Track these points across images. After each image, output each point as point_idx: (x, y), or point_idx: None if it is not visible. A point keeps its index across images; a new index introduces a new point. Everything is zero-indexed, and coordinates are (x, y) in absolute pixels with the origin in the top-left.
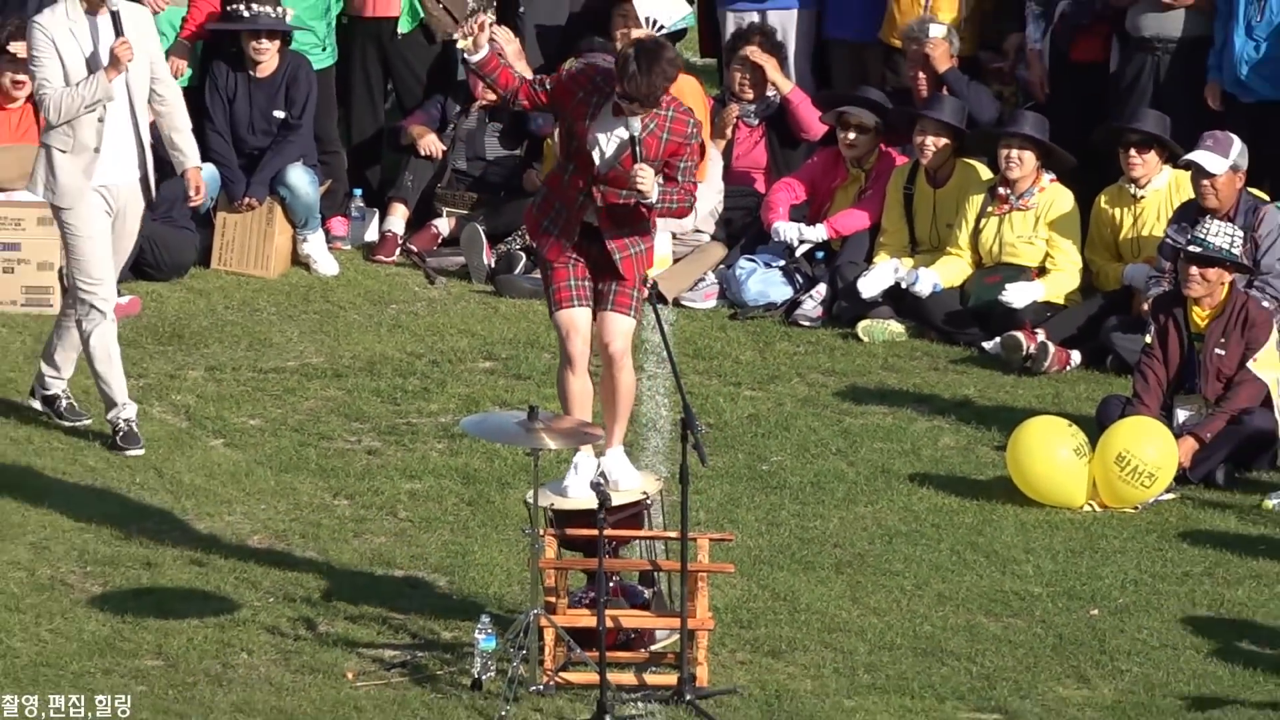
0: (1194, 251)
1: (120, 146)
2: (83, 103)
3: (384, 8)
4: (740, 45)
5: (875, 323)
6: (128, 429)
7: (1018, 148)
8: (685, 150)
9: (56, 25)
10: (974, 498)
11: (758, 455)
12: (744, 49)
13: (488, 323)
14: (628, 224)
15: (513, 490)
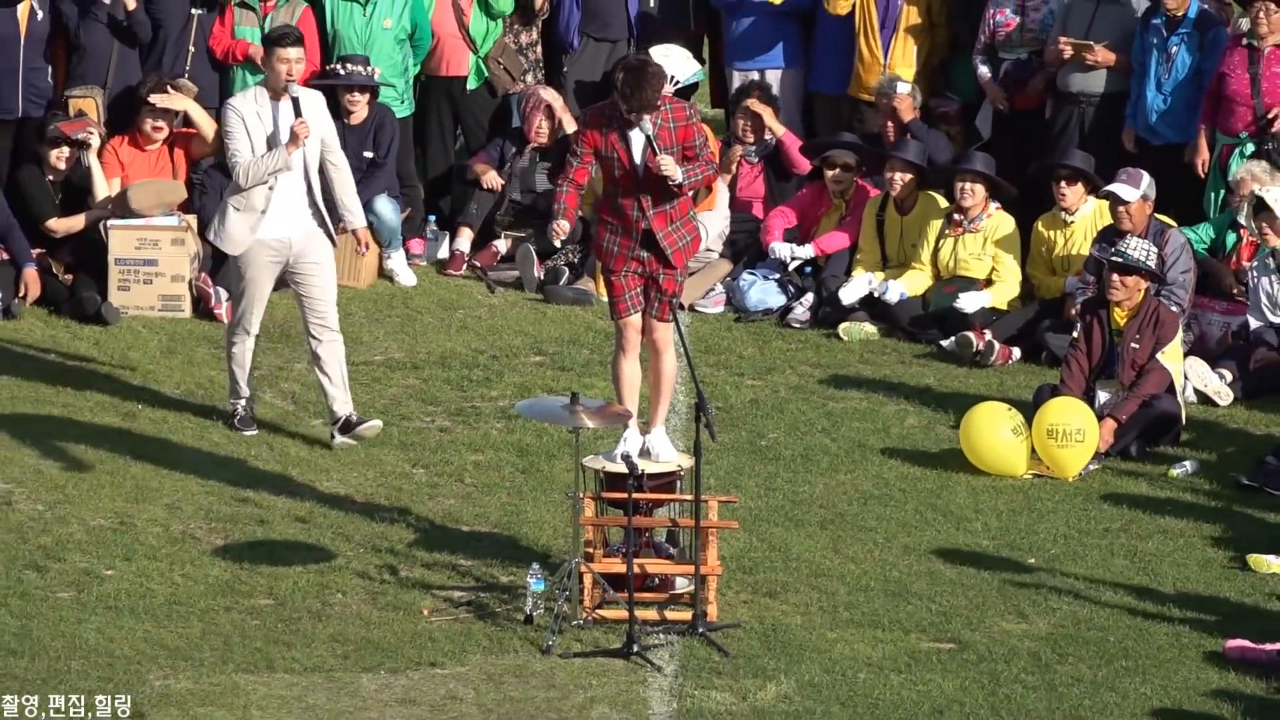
0: (1118, 262)
1: (290, 207)
2: (265, 171)
3: (455, 68)
4: (742, 98)
5: (853, 325)
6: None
7: (970, 181)
8: (694, 131)
9: (246, 107)
10: (933, 467)
11: (757, 433)
12: (746, 100)
13: (538, 324)
14: (674, 221)
15: (558, 461)
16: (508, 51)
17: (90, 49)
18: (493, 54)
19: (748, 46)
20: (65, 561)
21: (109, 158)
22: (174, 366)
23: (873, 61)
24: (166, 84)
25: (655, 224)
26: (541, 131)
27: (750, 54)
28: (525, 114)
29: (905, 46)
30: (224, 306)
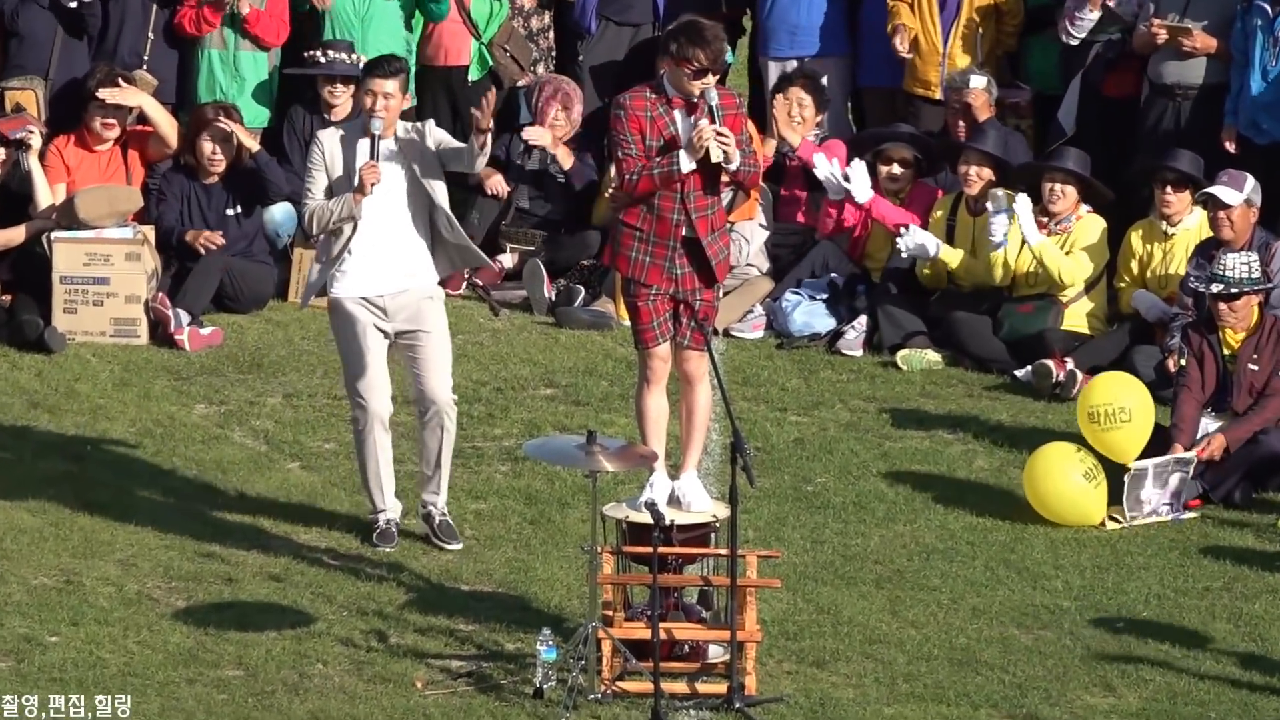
0: (1219, 291)
1: (378, 262)
2: (332, 218)
3: (454, 56)
4: (785, 86)
5: (913, 352)
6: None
7: (1061, 182)
8: (741, 122)
9: (330, 141)
10: (1006, 517)
11: (803, 477)
12: (788, 89)
13: (548, 352)
14: (715, 229)
15: (572, 510)
16: (515, 37)
17: (29, 35)
18: (498, 40)
19: (785, 32)
20: (3, 627)
21: (52, 160)
22: (128, 401)
23: (930, 51)
24: (118, 75)
25: (699, 229)
26: (558, 124)
27: (788, 41)
28: (538, 107)
29: (968, 32)
30: (186, 331)
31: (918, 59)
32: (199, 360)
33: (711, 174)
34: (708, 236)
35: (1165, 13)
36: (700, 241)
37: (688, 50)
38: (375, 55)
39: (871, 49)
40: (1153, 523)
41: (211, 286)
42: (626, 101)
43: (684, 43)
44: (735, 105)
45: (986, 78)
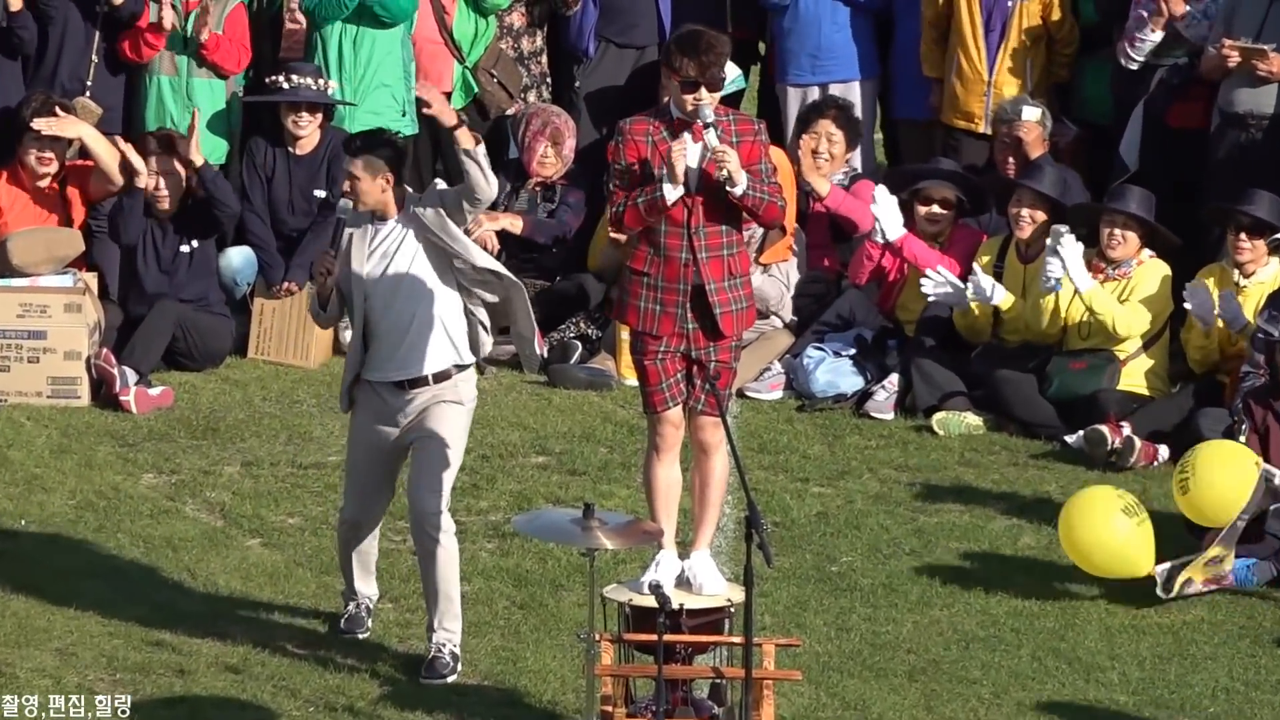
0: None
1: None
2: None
3: (435, 82)
4: (813, 119)
5: (951, 415)
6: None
7: (1121, 226)
8: (759, 150)
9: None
10: (1055, 600)
11: (826, 555)
12: (818, 122)
13: (540, 415)
14: (734, 275)
15: (567, 593)
16: (504, 61)
17: None
18: (484, 64)
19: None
20: None
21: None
22: (67, 470)
23: (975, 79)
24: (55, 104)
25: (708, 272)
26: (546, 162)
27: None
28: (524, 142)
29: (1017, 59)
30: (132, 392)
31: (960, 87)
32: (147, 424)
33: (721, 205)
34: (722, 281)
35: (1237, 34)
36: (704, 288)
37: (676, 60)
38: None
39: (906, 74)
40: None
41: (162, 341)
42: (627, 126)
43: (674, 51)
44: (752, 131)
45: (1040, 109)
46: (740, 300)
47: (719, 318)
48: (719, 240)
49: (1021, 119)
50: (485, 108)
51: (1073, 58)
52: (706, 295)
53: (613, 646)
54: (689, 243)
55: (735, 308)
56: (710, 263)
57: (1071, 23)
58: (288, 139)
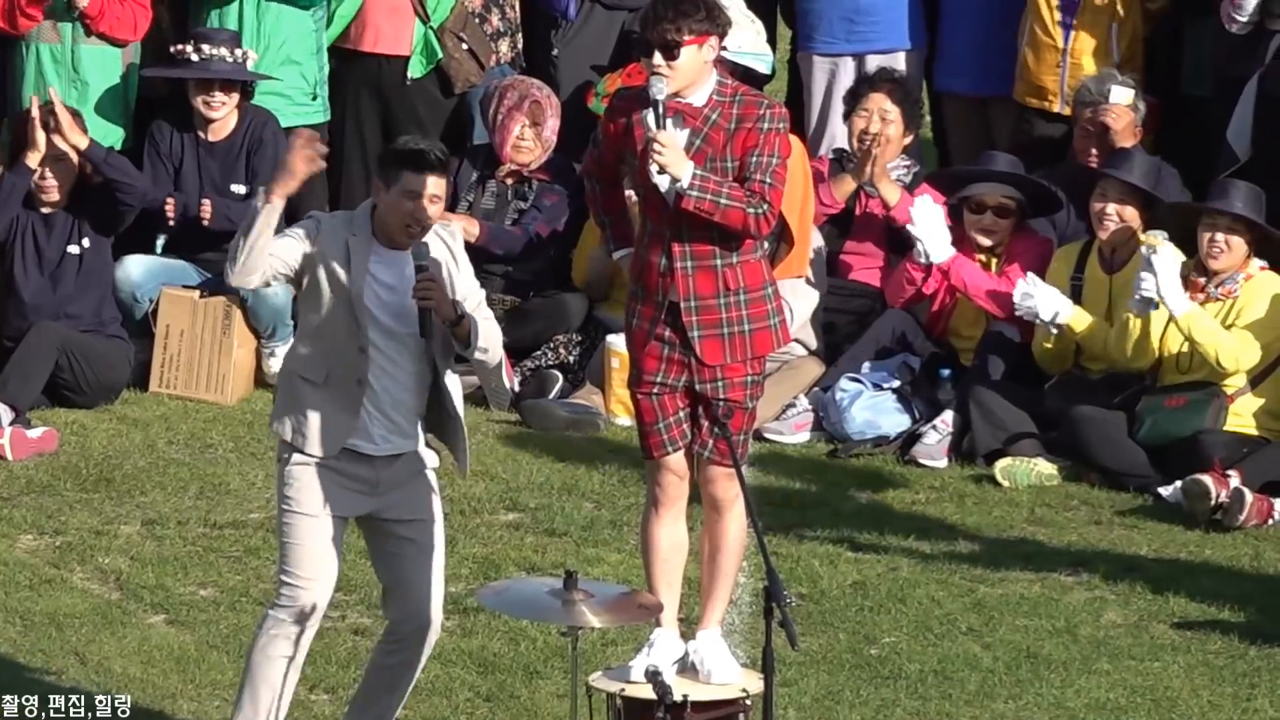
0: None
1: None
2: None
3: (391, 44)
4: (866, 92)
5: (1018, 462)
6: None
7: (1225, 230)
8: (760, 141)
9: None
10: (1148, 691)
11: (864, 635)
12: (870, 96)
13: (511, 462)
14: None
15: (544, 682)
16: (473, 26)
17: None
18: (451, 26)
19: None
20: None
21: None
22: None
23: (1049, 48)
24: None
25: (685, 287)
26: (523, 147)
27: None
28: (497, 121)
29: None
30: (7, 434)
31: (1031, 57)
32: (25, 473)
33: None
34: (712, 298)
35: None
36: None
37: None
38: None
39: (956, 39)
40: None
41: (44, 371)
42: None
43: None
44: (755, 116)
45: (1133, 89)
46: (738, 323)
47: (696, 342)
48: (708, 248)
49: (1109, 101)
50: (450, 79)
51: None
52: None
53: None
54: (666, 247)
55: (727, 332)
56: (697, 275)
57: None
58: (198, 122)
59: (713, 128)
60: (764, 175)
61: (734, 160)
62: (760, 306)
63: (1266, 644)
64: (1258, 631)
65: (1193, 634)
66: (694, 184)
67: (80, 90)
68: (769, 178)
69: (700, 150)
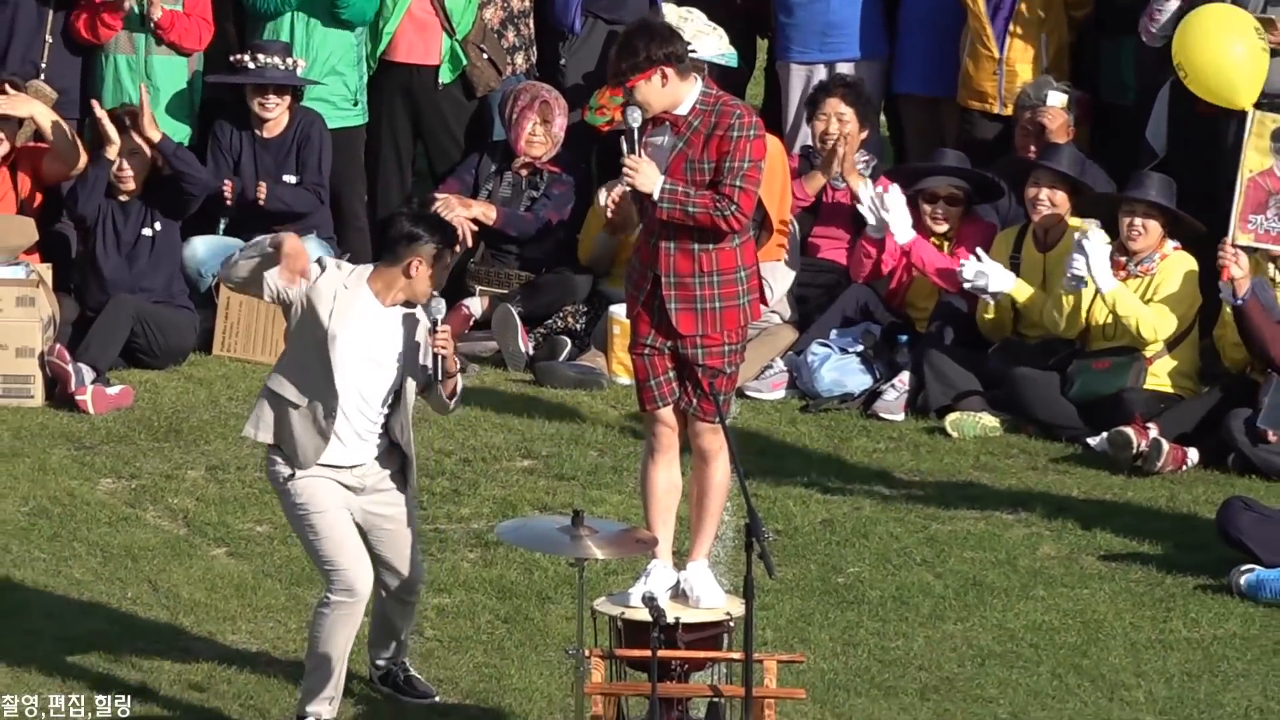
0: None
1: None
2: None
3: (421, 54)
4: (822, 98)
5: (966, 416)
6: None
7: (1142, 215)
8: (731, 147)
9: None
10: (1077, 614)
11: (832, 566)
12: (825, 101)
13: (526, 416)
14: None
15: (554, 606)
16: (491, 38)
17: None
18: (473, 39)
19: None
20: None
21: None
22: (20, 474)
23: (986, 56)
24: (5, 83)
25: (667, 264)
26: (535, 141)
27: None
28: (511, 119)
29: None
30: (89, 391)
31: (972, 66)
32: (105, 425)
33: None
34: (688, 276)
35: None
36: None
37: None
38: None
39: (912, 49)
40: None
41: (120, 337)
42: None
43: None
44: (727, 125)
45: (1067, 94)
46: (710, 300)
47: (672, 313)
48: (689, 232)
49: (1046, 104)
50: (472, 85)
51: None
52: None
53: (603, 663)
54: (656, 230)
55: (700, 307)
56: (678, 255)
57: None
58: (254, 121)
59: (693, 133)
60: (734, 179)
61: (710, 162)
62: (731, 288)
63: (1180, 574)
64: (1173, 563)
65: (1117, 565)
66: (664, 197)
67: (152, 95)
68: (739, 181)
69: (681, 152)
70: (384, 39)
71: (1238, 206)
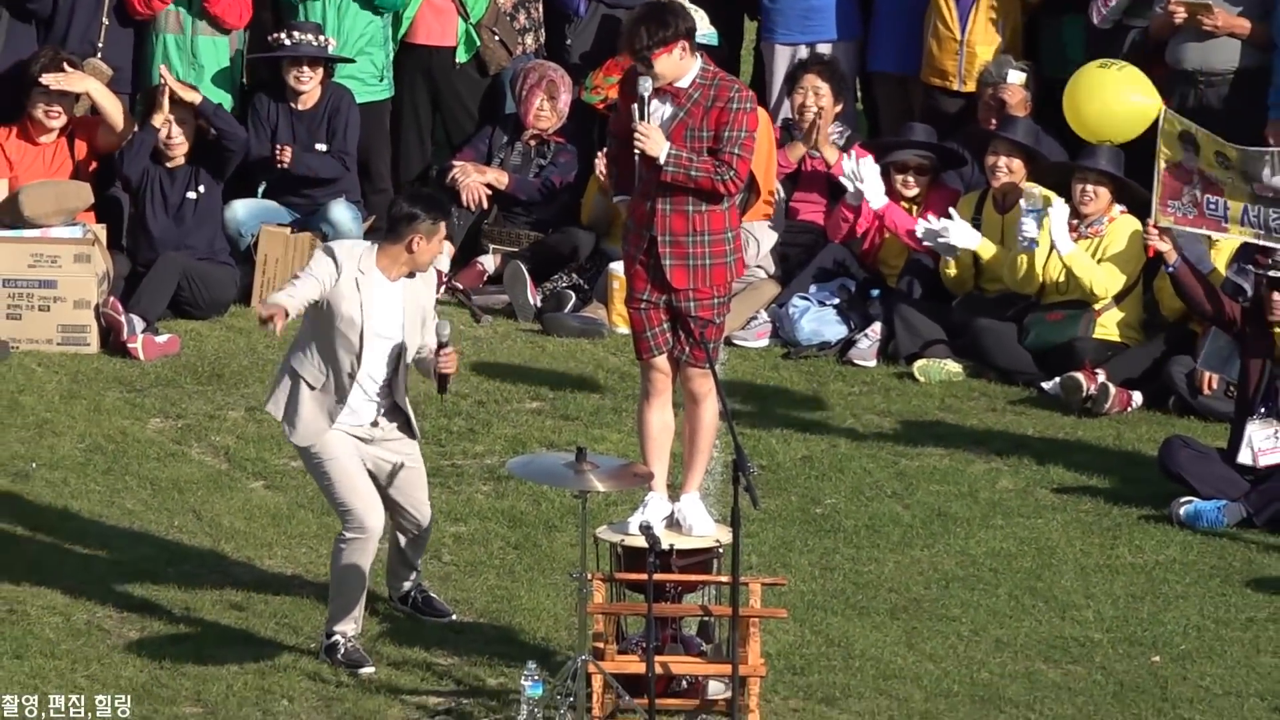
0: (1277, 276)
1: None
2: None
3: (439, 37)
4: (799, 76)
5: (932, 362)
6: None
7: (1093, 183)
8: (729, 118)
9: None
10: (1032, 541)
11: (811, 498)
12: (803, 78)
13: (535, 362)
14: (696, 231)
15: (560, 534)
16: (502, 20)
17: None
18: (486, 22)
19: (797, 15)
20: None
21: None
22: (77, 414)
23: (948, 37)
24: (64, 60)
25: (663, 224)
26: (542, 115)
27: (799, 25)
28: (522, 94)
29: (988, 16)
30: (140, 339)
31: (935, 47)
32: (154, 370)
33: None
34: (682, 235)
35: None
36: (658, 238)
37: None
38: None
39: (884, 31)
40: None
41: (168, 290)
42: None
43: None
44: (726, 98)
45: (1025, 73)
46: (701, 258)
47: (668, 270)
48: (684, 196)
49: (1007, 82)
50: (485, 64)
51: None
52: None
53: (604, 585)
54: (652, 195)
55: (692, 263)
56: (673, 216)
57: None
58: (290, 94)
59: (694, 104)
60: (733, 147)
61: (709, 131)
62: (720, 247)
63: (1126, 505)
64: (1119, 495)
65: (1068, 497)
66: (669, 161)
67: (197, 71)
68: (737, 149)
69: (682, 121)
70: (404, 24)
71: (1157, 193)
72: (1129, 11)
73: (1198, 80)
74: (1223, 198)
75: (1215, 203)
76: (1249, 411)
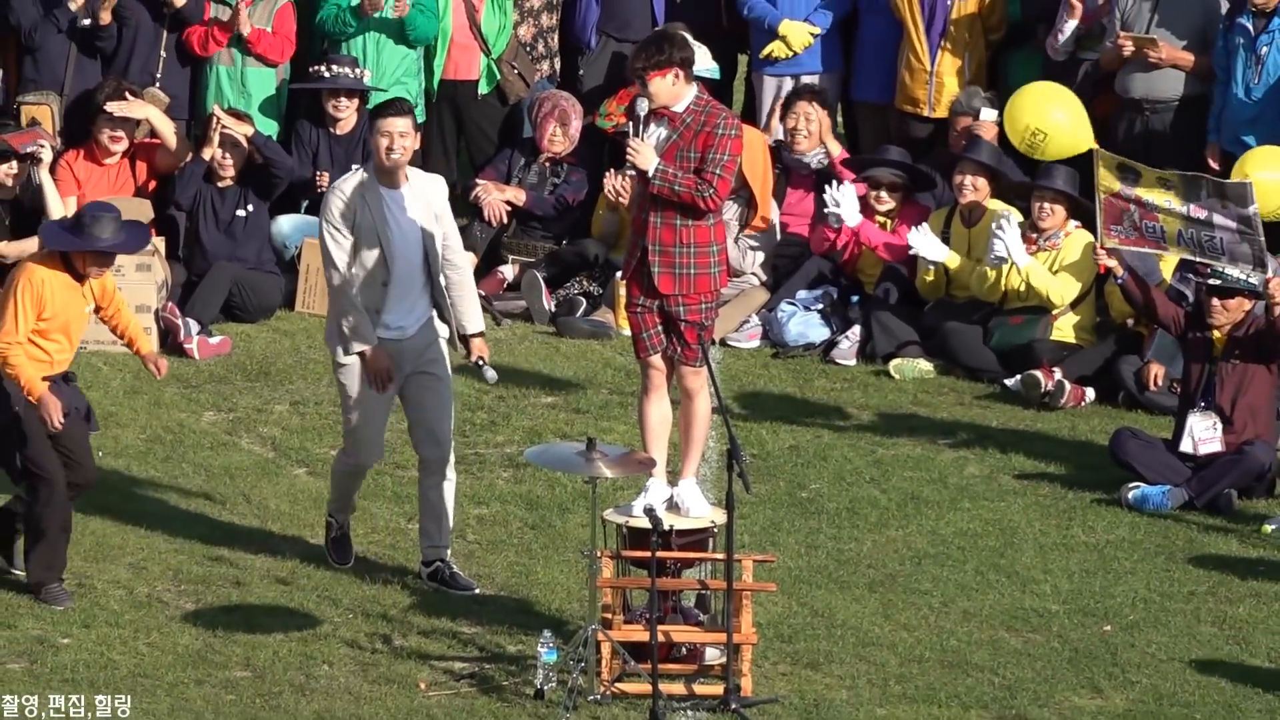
0: (1217, 285)
1: (406, 309)
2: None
3: (464, 71)
4: (794, 101)
5: (906, 361)
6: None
7: (1050, 200)
8: (715, 143)
9: (351, 193)
10: (996, 523)
11: (797, 483)
12: (796, 104)
13: (549, 361)
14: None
15: (572, 515)
16: (521, 55)
17: (45, 52)
18: (506, 57)
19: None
20: (16, 629)
21: (63, 174)
22: (139, 408)
23: (919, 69)
24: (126, 89)
25: (654, 235)
26: (555, 140)
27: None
28: (537, 121)
29: (955, 49)
30: (195, 340)
31: (908, 77)
32: (208, 368)
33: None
34: (670, 246)
35: (1133, 27)
36: (649, 247)
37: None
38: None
39: (865, 63)
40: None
41: (220, 296)
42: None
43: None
44: (714, 124)
45: (995, 109)
46: (687, 267)
47: (655, 277)
48: (673, 211)
49: (981, 119)
50: (505, 95)
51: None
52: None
53: (612, 562)
54: (648, 207)
55: (678, 272)
56: (664, 228)
57: (1001, 13)
58: (329, 121)
59: (685, 128)
60: (715, 168)
61: (696, 152)
62: (705, 258)
63: (1080, 490)
64: (1074, 481)
65: (1028, 482)
66: (656, 174)
67: (247, 100)
68: (719, 170)
69: (674, 142)
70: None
71: (1101, 219)
72: (1081, 44)
73: (1144, 107)
74: (1158, 222)
75: (1153, 226)
76: (1190, 405)
